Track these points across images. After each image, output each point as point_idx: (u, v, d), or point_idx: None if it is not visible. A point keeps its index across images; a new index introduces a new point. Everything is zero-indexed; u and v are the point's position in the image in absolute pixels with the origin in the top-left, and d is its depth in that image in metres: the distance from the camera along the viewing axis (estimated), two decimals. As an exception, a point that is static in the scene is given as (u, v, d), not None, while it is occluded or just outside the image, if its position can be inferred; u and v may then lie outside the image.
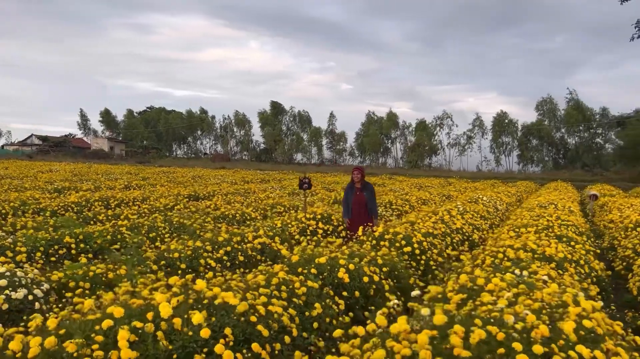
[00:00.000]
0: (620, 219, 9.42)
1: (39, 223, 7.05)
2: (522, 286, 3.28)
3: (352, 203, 7.64)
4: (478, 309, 2.85)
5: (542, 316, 2.70)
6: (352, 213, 7.65)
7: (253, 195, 12.92)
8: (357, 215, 7.61)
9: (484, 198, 12.14)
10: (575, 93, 55.98)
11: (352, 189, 7.75)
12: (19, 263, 5.16)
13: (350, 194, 7.72)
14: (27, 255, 5.34)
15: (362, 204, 7.62)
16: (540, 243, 5.17)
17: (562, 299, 3.01)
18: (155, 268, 4.86)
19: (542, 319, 2.63)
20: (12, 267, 4.18)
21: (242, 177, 23.24)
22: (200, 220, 8.08)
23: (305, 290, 3.78)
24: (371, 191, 7.84)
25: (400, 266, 5.13)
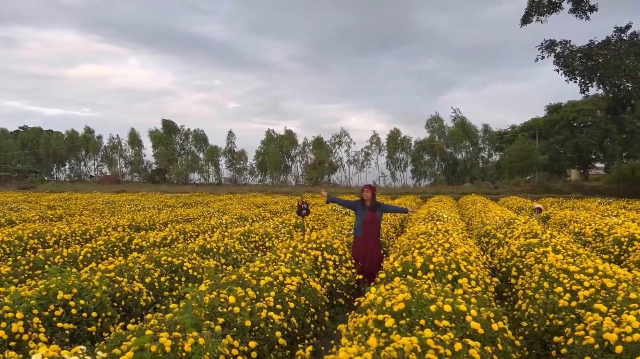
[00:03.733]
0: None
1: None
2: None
3: (365, 222, 7.54)
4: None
5: None
6: (364, 230, 7.55)
7: (205, 223, 11.66)
8: (369, 233, 7.58)
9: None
10: (459, 112, 60.24)
11: (364, 207, 7.65)
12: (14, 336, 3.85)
13: (363, 212, 7.63)
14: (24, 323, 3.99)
15: (375, 223, 7.65)
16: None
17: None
18: (219, 330, 3.81)
19: None
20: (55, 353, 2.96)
21: (163, 202, 21.36)
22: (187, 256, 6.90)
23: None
24: (382, 212, 7.87)
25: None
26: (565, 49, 25.78)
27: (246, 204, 19.61)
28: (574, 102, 50.44)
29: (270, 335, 4.12)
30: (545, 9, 26.41)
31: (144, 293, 5.56)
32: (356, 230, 7.80)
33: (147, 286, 5.75)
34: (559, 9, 26.74)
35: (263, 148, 63.54)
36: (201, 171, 66.11)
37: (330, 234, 8.46)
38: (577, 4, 26.34)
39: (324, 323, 5.47)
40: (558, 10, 26.75)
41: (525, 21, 27.14)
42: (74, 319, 4.49)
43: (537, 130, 52.89)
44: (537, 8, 26.46)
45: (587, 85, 26.32)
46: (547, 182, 36.11)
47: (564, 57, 25.61)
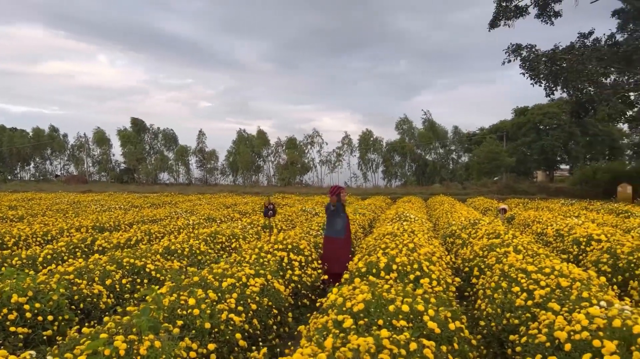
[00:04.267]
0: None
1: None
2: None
3: (346, 224, 7.71)
4: None
5: None
6: (345, 233, 7.69)
7: (171, 224, 11.51)
8: (348, 234, 7.79)
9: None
10: (429, 114, 61.02)
11: (341, 208, 7.78)
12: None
13: (344, 213, 7.79)
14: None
15: (349, 223, 7.90)
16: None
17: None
18: (177, 332, 3.77)
19: None
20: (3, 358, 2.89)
21: (130, 202, 20.97)
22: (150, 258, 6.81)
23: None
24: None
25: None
26: (531, 53, 26.39)
27: (215, 205, 19.43)
28: (540, 105, 51.61)
29: (231, 337, 4.10)
30: (512, 14, 26.99)
31: (104, 295, 5.46)
32: (339, 232, 7.78)
33: (108, 289, 5.64)
34: (525, 14, 27.36)
35: (234, 148, 63.07)
36: (171, 171, 65.21)
37: (297, 235, 8.46)
38: (543, 10, 27.00)
39: (288, 324, 5.47)
40: (524, 15, 27.37)
41: (493, 25, 27.68)
42: (28, 323, 4.38)
43: (504, 133, 53.96)
44: (505, 12, 27.02)
45: (552, 89, 27.00)
46: (513, 183, 36.86)
47: (529, 61, 26.21)
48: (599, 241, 8.23)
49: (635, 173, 30.55)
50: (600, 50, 25.25)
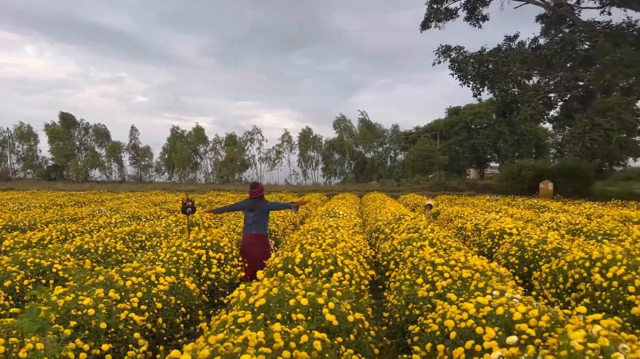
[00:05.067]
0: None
1: None
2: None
3: (255, 219, 7.69)
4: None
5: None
6: (254, 229, 7.72)
7: (92, 222, 11.05)
8: (260, 231, 7.78)
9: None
10: (365, 114, 62.21)
11: (251, 205, 7.78)
12: None
13: (251, 209, 7.77)
14: None
15: (262, 220, 7.86)
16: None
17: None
18: (68, 333, 3.61)
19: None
20: None
21: (53, 200, 19.96)
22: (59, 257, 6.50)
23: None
24: (269, 208, 8.09)
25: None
26: (460, 54, 27.39)
27: (144, 202, 18.86)
28: (471, 105, 53.66)
29: (129, 337, 3.98)
30: (443, 16, 27.90)
31: (0, 297, 5.16)
32: (247, 228, 7.78)
33: (6, 291, 5.34)
34: (455, 17, 28.35)
35: (169, 145, 61.51)
36: (103, 168, 62.75)
37: (221, 232, 8.35)
38: (471, 13, 28.07)
39: (199, 322, 5.38)
40: (454, 17, 28.37)
41: (424, 26, 28.50)
42: None
43: (438, 132, 55.72)
44: (436, 15, 27.89)
45: (479, 90, 28.16)
46: (445, 181, 38.07)
47: (458, 62, 27.21)
48: (510, 234, 8.65)
49: (556, 171, 32.33)
50: (523, 53, 26.56)
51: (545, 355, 2.56)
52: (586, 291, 5.26)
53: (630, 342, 2.81)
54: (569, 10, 27.06)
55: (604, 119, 21.06)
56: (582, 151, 22.35)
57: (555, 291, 5.83)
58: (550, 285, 5.95)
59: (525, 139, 53.78)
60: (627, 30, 25.83)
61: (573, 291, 5.58)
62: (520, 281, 6.38)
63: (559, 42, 25.77)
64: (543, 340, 2.95)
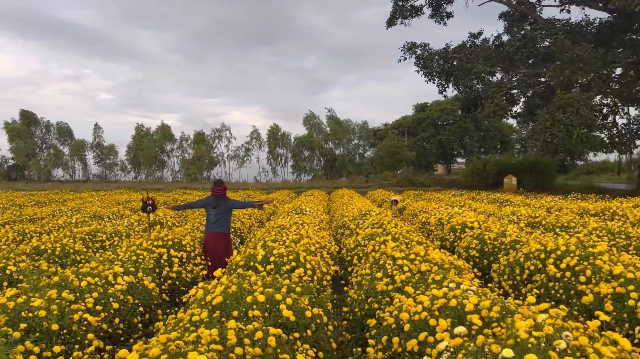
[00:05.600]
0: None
1: None
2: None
3: (217, 217, 7.59)
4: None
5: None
6: (217, 227, 7.62)
7: (51, 223, 10.76)
8: (221, 229, 7.67)
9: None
10: (333, 111, 62.41)
11: (213, 203, 7.67)
12: None
13: (211, 208, 7.65)
14: None
15: (224, 218, 7.73)
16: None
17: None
18: (18, 336, 3.51)
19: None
20: None
21: (10, 201, 19.33)
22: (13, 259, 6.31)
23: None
24: (232, 206, 8.05)
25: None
26: (425, 51, 27.72)
27: (107, 202, 18.47)
28: (438, 101, 54.49)
29: (83, 338, 3.90)
30: (408, 13, 28.16)
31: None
32: (209, 226, 7.68)
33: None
34: (421, 14, 28.65)
35: (134, 143, 60.37)
36: (66, 167, 61.18)
37: (184, 231, 8.25)
38: (436, 10, 28.42)
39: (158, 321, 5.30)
40: (420, 14, 28.66)
41: (390, 23, 28.73)
42: None
43: (406, 128, 56.37)
44: (401, 11, 28.13)
45: (444, 86, 28.58)
46: (412, 176, 38.55)
47: (423, 59, 27.53)
48: (472, 228, 8.82)
49: (520, 166, 33.12)
50: (487, 50, 27.04)
51: (492, 344, 2.62)
52: (541, 282, 5.40)
53: (575, 330, 2.90)
54: (530, 8, 27.69)
55: (564, 115, 21.65)
56: (544, 146, 22.92)
57: (513, 283, 5.97)
58: (508, 276, 6.09)
59: (490, 135, 54.94)
60: (585, 28, 26.63)
61: (529, 283, 5.73)
62: (479, 274, 6.51)
63: (520, 39, 26.36)
64: (492, 330, 3.02)
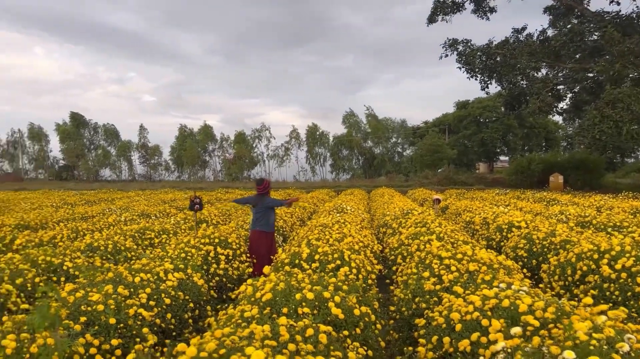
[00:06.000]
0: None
1: None
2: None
3: (263, 216, 7.69)
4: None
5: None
6: (263, 226, 7.70)
7: (102, 221, 11.15)
8: (267, 227, 7.77)
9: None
10: (371, 109, 62.06)
11: (259, 201, 7.75)
12: None
13: (258, 206, 7.73)
14: None
15: (269, 216, 7.82)
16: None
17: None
18: (78, 329, 3.67)
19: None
20: None
21: (64, 200, 20.16)
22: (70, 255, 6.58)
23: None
24: (272, 205, 7.95)
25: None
26: (467, 47, 27.22)
27: (154, 201, 18.98)
28: (480, 98, 53.39)
29: (138, 332, 4.03)
30: (449, 9, 27.72)
31: (13, 294, 5.23)
32: (262, 226, 7.73)
33: (18, 288, 5.41)
34: (462, 9, 28.16)
35: (177, 143, 61.78)
36: (113, 167, 63.29)
37: (229, 229, 8.40)
38: (478, 5, 27.86)
39: (207, 317, 5.42)
40: (461, 10, 28.16)
41: (431, 20, 28.35)
42: None
43: (447, 125, 55.51)
44: (442, 8, 27.72)
45: (487, 83, 27.99)
46: (453, 175, 37.95)
47: (465, 55, 27.04)
48: (519, 227, 8.62)
49: (566, 164, 32.11)
50: (532, 45, 26.32)
51: (550, 346, 2.56)
52: (594, 283, 5.23)
53: (636, 333, 2.81)
54: (577, 1, 26.78)
55: (614, 111, 20.84)
56: (592, 143, 22.14)
57: (564, 284, 5.80)
58: (559, 277, 5.92)
59: (535, 132, 53.45)
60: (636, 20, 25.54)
61: (581, 284, 5.56)
62: (528, 274, 6.37)
63: (567, 33, 25.54)
64: (548, 331, 2.95)
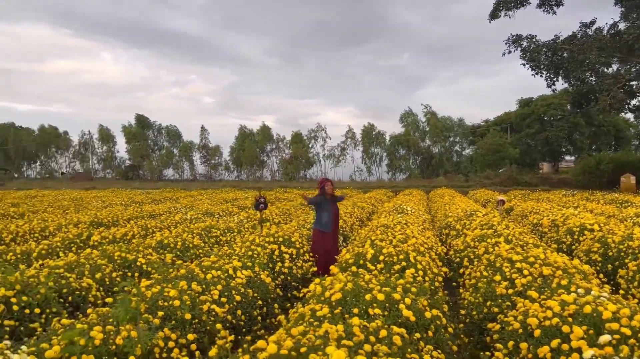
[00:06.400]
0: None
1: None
2: None
3: (332, 216, 7.66)
4: None
5: None
6: (332, 226, 7.66)
7: (169, 219, 11.59)
8: (336, 227, 7.82)
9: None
10: (429, 107, 60.95)
11: (327, 201, 7.71)
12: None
13: (327, 205, 7.68)
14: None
15: (337, 216, 7.87)
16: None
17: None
18: (157, 323, 3.82)
19: None
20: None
21: (131, 198, 21.11)
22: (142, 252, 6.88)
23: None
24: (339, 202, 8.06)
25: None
26: (531, 43, 26.23)
27: (216, 200, 19.52)
28: (544, 96, 51.32)
29: (212, 327, 4.15)
30: (513, 4, 26.80)
31: (93, 288, 5.52)
32: (325, 225, 7.73)
33: (98, 282, 5.71)
34: (527, 4, 27.15)
35: (237, 143, 63.17)
36: (176, 167, 65.56)
37: (291, 228, 8.50)
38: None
39: (274, 315, 5.51)
40: (525, 4, 27.16)
41: (493, 16, 27.50)
42: (15, 316, 4.44)
43: (508, 124, 53.76)
44: (505, 3, 26.85)
45: (553, 80, 26.86)
46: (516, 175, 36.70)
47: (530, 51, 26.06)
48: (591, 230, 8.23)
49: (639, 163, 30.34)
50: (601, 40, 25.06)
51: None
52: (680, 290, 4.92)
53: None
54: (652, -9, 25.21)
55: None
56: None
57: (645, 291, 5.49)
58: (639, 283, 5.61)
59: (604, 130, 50.85)
60: None
61: (665, 291, 5.24)
62: (604, 280, 6.08)
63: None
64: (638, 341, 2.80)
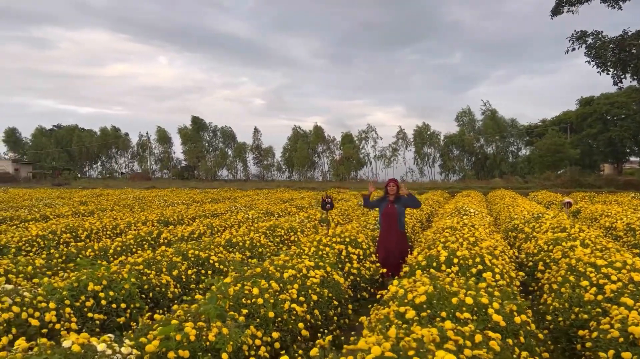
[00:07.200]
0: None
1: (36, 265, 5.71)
2: None
3: (382, 215, 7.61)
4: None
5: None
6: (382, 223, 7.61)
7: (232, 218, 11.82)
8: (386, 225, 7.62)
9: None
10: (489, 104, 59.30)
11: (385, 201, 7.67)
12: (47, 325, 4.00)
13: (384, 205, 7.64)
14: (56, 312, 4.15)
15: (393, 216, 7.58)
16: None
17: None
18: (243, 321, 3.88)
19: None
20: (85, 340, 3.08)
21: (191, 198, 21.71)
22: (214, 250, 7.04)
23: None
24: (404, 204, 7.69)
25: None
26: (597, 39, 25.08)
27: (273, 200, 19.77)
28: (607, 94, 49.05)
29: (293, 326, 4.18)
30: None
31: (171, 285, 5.70)
32: (380, 225, 7.84)
33: (175, 279, 5.88)
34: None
35: (289, 144, 63.77)
36: (229, 167, 66.91)
37: (355, 229, 8.48)
38: (611, -7, 25.58)
39: (347, 315, 5.51)
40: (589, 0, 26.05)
41: (555, 12, 26.51)
42: (103, 310, 4.63)
43: (568, 124, 51.71)
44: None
45: (621, 77, 25.59)
46: (578, 176, 35.24)
47: (595, 48, 24.92)
48: (674, 235, 7.78)
49: None
50: (674, 34, 23.68)
51: None
52: None
53: None
54: None
55: None
56: None
57: None
58: None
59: (674, 130, 48.02)
60: None
61: None
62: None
63: None
64: None
